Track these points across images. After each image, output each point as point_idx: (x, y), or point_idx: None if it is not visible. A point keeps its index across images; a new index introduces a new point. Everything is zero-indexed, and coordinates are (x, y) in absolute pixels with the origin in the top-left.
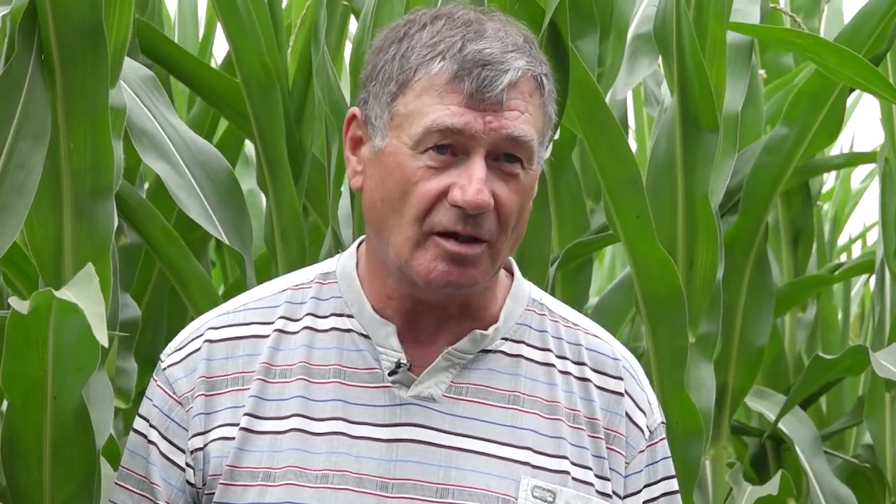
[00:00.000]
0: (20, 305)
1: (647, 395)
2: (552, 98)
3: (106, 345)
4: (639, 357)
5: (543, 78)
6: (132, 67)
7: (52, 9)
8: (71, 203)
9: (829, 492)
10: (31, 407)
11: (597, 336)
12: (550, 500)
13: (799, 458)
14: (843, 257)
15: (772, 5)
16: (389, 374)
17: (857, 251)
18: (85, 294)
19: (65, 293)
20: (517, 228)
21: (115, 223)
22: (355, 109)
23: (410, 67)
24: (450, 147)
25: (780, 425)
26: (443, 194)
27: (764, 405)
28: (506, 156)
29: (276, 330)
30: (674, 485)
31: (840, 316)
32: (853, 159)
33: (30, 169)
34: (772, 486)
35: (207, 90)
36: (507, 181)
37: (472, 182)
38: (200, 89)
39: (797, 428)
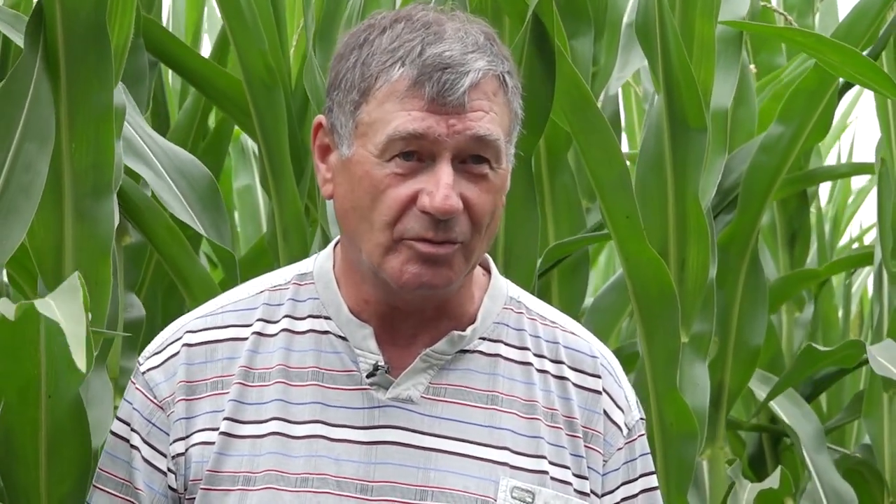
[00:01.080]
0: (6, 309)
1: (626, 391)
2: (517, 93)
3: (84, 370)
4: (634, 357)
5: (506, 76)
6: None
7: (61, 9)
8: (72, 203)
9: (830, 488)
10: (27, 405)
11: (574, 333)
12: (529, 500)
13: (801, 453)
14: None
15: (763, 4)
16: (367, 377)
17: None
18: (68, 310)
19: (48, 306)
20: (490, 226)
21: (116, 223)
22: (321, 118)
23: (371, 75)
24: (416, 153)
25: (785, 420)
26: (412, 201)
27: (766, 390)
28: (473, 157)
29: (254, 332)
30: (653, 481)
31: (840, 314)
32: (856, 169)
33: (36, 170)
34: (773, 481)
35: (211, 88)
36: (476, 182)
37: (440, 188)
38: (205, 88)
39: (801, 422)
